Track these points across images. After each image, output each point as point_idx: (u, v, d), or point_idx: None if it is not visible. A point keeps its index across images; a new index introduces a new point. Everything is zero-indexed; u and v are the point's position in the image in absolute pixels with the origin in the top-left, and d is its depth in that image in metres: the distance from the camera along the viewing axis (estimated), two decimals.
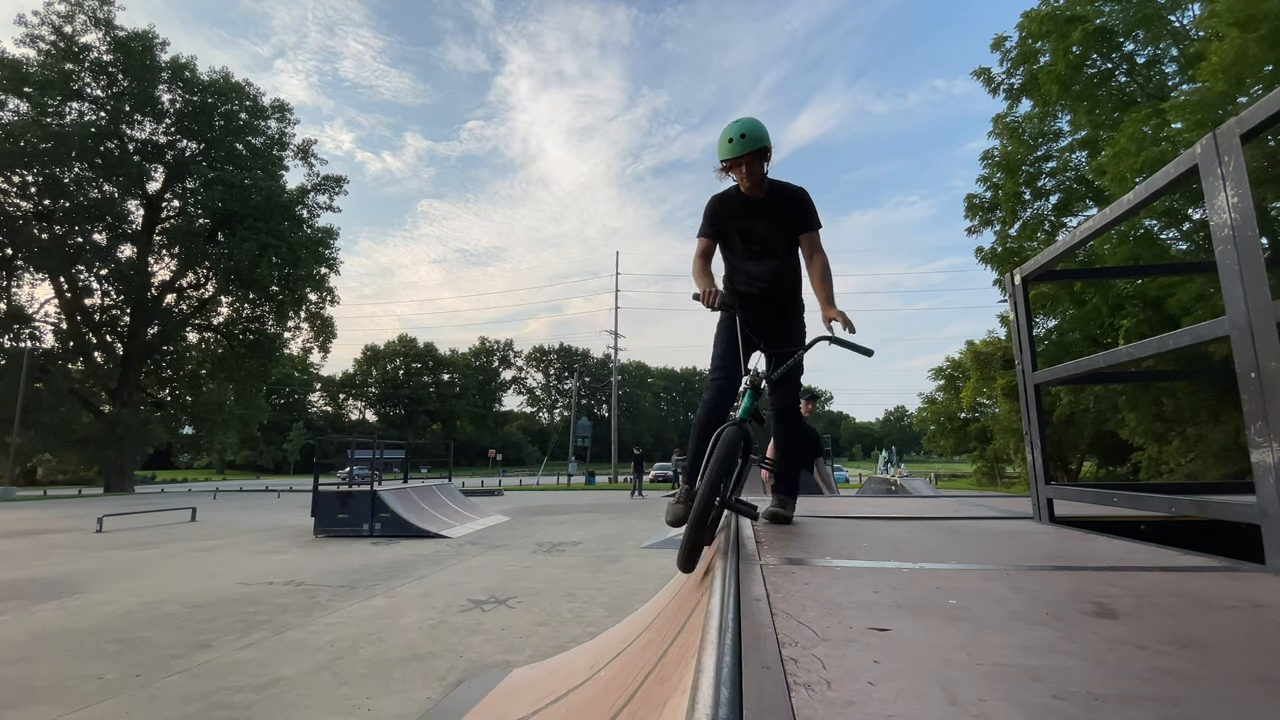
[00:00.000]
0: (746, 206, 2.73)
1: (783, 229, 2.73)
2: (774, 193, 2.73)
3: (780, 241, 2.74)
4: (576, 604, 5.61)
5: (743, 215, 2.73)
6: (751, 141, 2.57)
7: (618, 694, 1.78)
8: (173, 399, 35.85)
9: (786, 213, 2.73)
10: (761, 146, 2.60)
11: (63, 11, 29.46)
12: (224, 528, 12.59)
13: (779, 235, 2.73)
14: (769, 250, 2.75)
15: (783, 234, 2.73)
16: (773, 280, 2.77)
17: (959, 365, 32.91)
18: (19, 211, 29.10)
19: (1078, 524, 2.79)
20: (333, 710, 3.27)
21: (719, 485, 1.79)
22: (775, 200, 2.73)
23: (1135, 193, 2.29)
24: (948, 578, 1.54)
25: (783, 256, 2.76)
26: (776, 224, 2.72)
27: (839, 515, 3.19)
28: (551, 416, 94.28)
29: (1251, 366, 1.68)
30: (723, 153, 2.64)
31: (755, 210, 2.72)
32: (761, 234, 2.74)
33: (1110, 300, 16.68)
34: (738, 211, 2.74)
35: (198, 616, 5.25)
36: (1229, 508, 1.89)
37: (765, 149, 2.62)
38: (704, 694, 0.80)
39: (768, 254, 2.75)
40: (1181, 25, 16.03)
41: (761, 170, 2.65)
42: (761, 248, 2.75)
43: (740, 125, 2.57)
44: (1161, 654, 0.96)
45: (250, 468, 69.67)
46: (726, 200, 2.78)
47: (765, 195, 2.71)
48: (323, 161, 37.36)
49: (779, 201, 2.73)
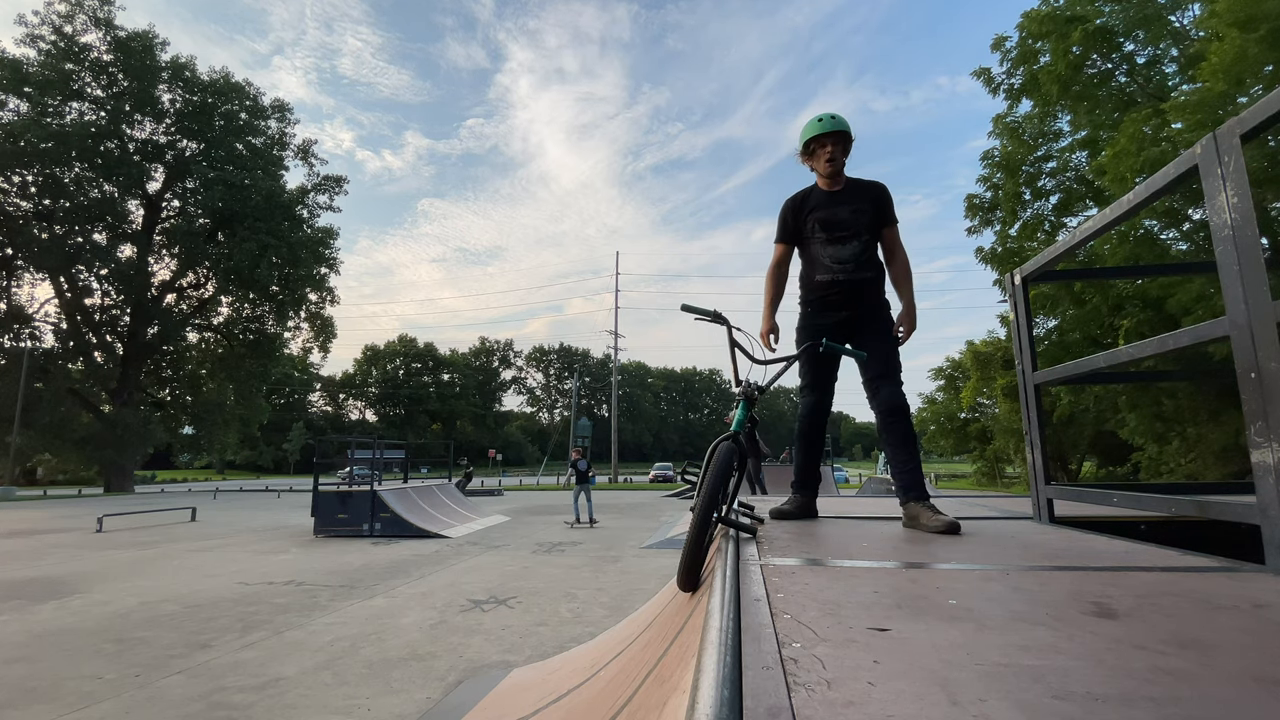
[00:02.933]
0: (827, 198, 2.77)
1: (865, 215, 2.73)
2: (853, 184, 2.80)
3: (863, 227, 2.73)
4: (576, 604, 5.61)
5: (823, 206, 2.76)
6: (840, 124, 2.68)
7: (618, 694, 1.78)
8: (173, 399, 35.86)
9: (868, 200, 2.75)
10: (847, 133, 2.71)
11: (63, 11, 29.49)
12: (224, 528, 12.59)
13: (861, 221, 2.73)
14: (852, 234, 2.74)
15: (865, 220, 2.73)
16: (857, 262, 2.74)
17: (959, 365, 32.93)
18: (19, 211, 29.12)
19: (1078, 524, 2.79)
20: (333, 710, 3.27)
21: (716, 500, 1.78)
22: (855, 189, 2.78)
23: (1135, 193, 2.28)
24: (948, 578, 1.54)
25: (866, 241, 2.75)
26: (859, 210, 2.74)
27: (839, 515, 3.19)
28: (551, 416, 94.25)
29: (1251, 366, 1.68)
30: (810, 131, 2.72)
31: (835, 199, 2.76)
32: (844, 219, 2.73)
33: (1110, 300, 16.67)
34: (817, 204, 2.78)
35: (197, 616, 5.25)
36: (1229, 508, 1.89)
37: (850, 138, 2.72)
38: (704, 694, 0.80)
39: (851, 238, 2.74)
40: (1181, 25, 16.03)
41: (843, 159, 2.74)
42: (845, 233, 2.74)
43: (829, 114, 2.72)
44: (1161, 654, 0.96)
45: (250, 468, 69.68)
46: (804, 198, 2.84)
47: (844, 187, 2.77)
48: (323, 161, 37.43)
49: (859, 190, 2.78)
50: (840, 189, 2.77)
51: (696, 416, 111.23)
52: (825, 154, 2.71)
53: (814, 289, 2.80)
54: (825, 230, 2.75)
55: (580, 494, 12.79)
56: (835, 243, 2.74)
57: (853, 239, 2.73)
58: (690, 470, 2.31)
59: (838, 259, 2.73)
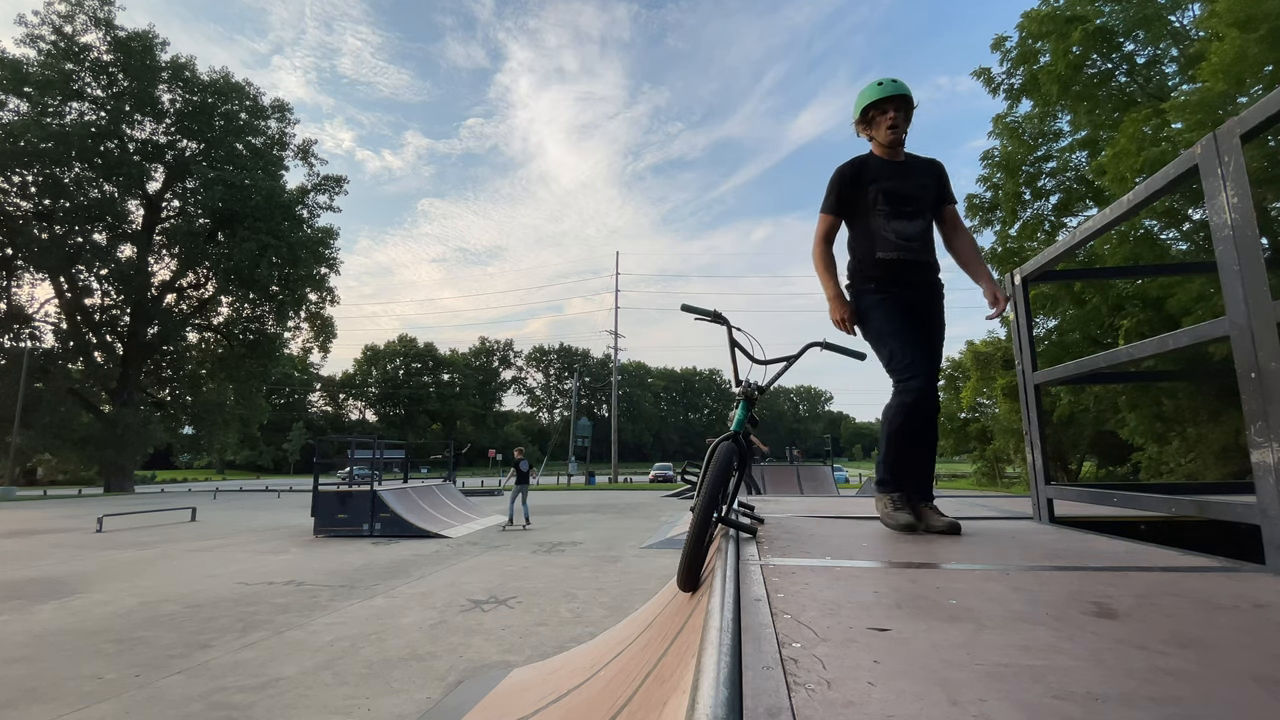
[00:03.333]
0: (889, 168, 2.55)
1: (930, 192, 2.56)
2: (913, 158, 2.61)
3: (927, 205, 2.55)
4: (576, 604, 5.61)
5: (886, 176, 2.54)
6: (902, 88, 2.48)
7: (617, 694, 1.78)
8: (173, 399, 35.88)
9: (931, 176, 2.59)
10: (910, 98, 2.51)
11: (63, 11, 29.51)
12: (224, 528, 12.59)
13: (926, 198, 2.54)
14: (919, 210, 2.53)
15: (930, 198, 2.56)
16: (924, 242, 2.54)
17: (959, 365, 32.94)
18: (19, 211, 29.13)
19: (1078, 524, 2.79)
20: (333, 710, 3.27)
21: (716, 501, 1.79)
22: (918, 164, 2.60)
23: (1135, 193, 2.29)
24: (948, 578, 1.54)
25: (929, 221, 2.57)
26: (924, 186, 2.55)
27: (839, 515, 3.19)
28: (551, 416, 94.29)
29: (1251, 366, 1.68)
30: (869, 96, 2.52)
31: (900, 171, 2.55)
32: (911, 193, 2.52)
33: (1110, 300, 16.69)
34: (879, 174, 2.54)
35: (197, 616, 5.25)
36: (1229, 508, 1.89)
37: (913, 105, 2.53)
38: (704, 694, 0.80)
39: (917, 214, 2.52)
40: (1181, 25, 16.03)
41: (905, 128, 2.53)
42: (912, 208, 2.51)
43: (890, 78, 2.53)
44: (1161, 654, 0.96)
45: (250, 468, 69.70)
46: (863, 164, 2.58)
47: (906, 160, 2.58)
48: (323, 161, 37.44)
49: (922, 165, 2.60)
50: (903, 161, 2.57)
51: (696, 416, 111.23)
52: (887, 121, 2.50)
53: (874, 266, 2.52)
54: (890, 203, 2.50)
55: (518, 495, 12.46)
56: (901, 217, 2.50)
57: (918, 216, 2.52)
58: (690, 470, 2.30)
59: (904, 235, 2.50)
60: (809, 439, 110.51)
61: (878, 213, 2.52)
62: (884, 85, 2.49)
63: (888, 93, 2.48)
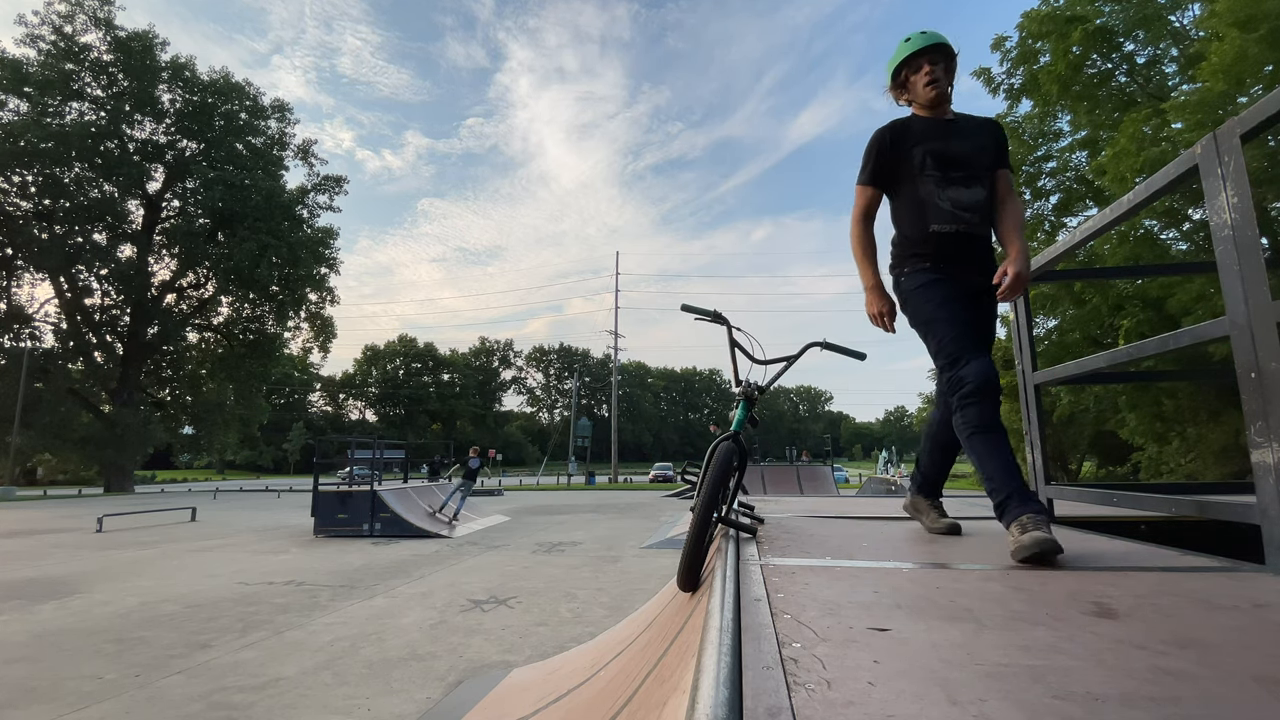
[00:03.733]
0: (936, 128, 2.19)
1: (988, 155, 2.17)
2: (965, 117, 2.25)
3: (985, 170, 2.16)
4: (576, 604, 5.61)
5: (933, 137, 2.17)
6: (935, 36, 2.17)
7: (617, 694, 1.77)
8: (173, 399, 35.88)
9: (989, 137, 2.21)
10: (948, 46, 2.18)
11: (63, 11, 29.51)
12: (224, 528, 12.59)
13: (984, 161, 2.16)
14: (974, 176, 2.14)
15: (988, 162, 2.17)
16: (984, 214, 2.15)
17: None
18: (19, 211, 29.14)
19: (1078, 524, 2.79)
20: (333, 710, 3.27)
21: (716, 501, 1.79)
22: (971, 123, 2.23)
23: (1135, 193, 2.29)
24: (948, 578, 1.54)
25: (989, 189, 2.17)
26: (981, 148, 2.17)
27: (839, 515, 3.19)
28: (551, 416, 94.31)
29: (1251, 366, 1.68)
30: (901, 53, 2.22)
31: (950, 130, 2.19)
32: (966, 155, 2.15)
33: (1110, 300, 16.68)
34: (925, 134, 2.18)
35: (198, 616, 5.25)
36: (1229, 508, 1.89)
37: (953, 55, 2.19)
38: (704, 694, 0.80)
39: (974, 181, 2.14)
40: (1181, 25, 16.03)
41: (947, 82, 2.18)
42: (965, 173, 2.13)
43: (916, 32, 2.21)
44: (1161, 654, 0.96)
45: (250, 468, 69.72)
46: (905, 126, 2.22)
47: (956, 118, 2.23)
48: (323, 161, 37.45)
49: (977, 125, 2.23)
50: (952, 119, 2.21)
51: (696, 416, 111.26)
52: (926, 74, 2.15)
53: (926, 242, 2.14)
54: (941, 168, 2.13)
55: (461, 490, 12.67)
56: (955, 184, 2.12)
57: (975, 183, 2.14)
58: (690, 470, 2.30)
59: (960, 204, 2.11)
60: (809, 439, 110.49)
61: (926, 179, 2.14)
62: (912, 40, 2.19)
63: (918, 46, 2.16)
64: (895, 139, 2.20)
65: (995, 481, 1.88)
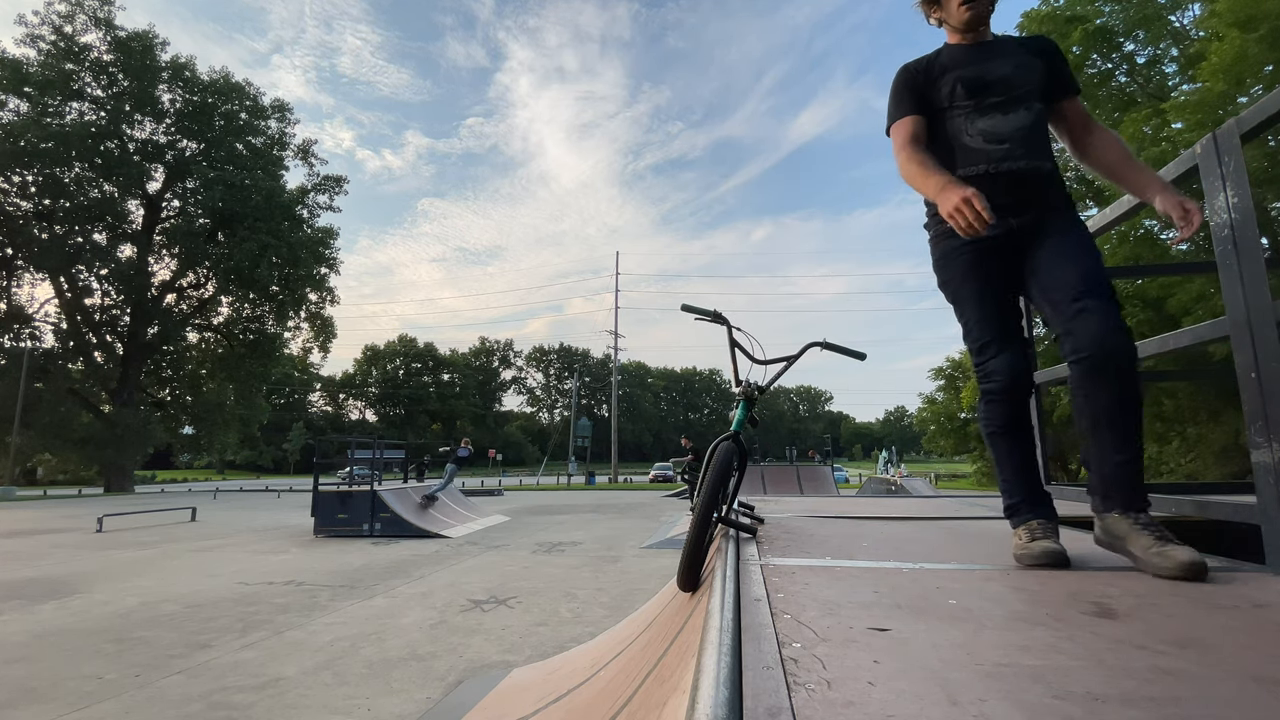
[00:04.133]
0: (969, 52, 1.85)
1: (1035, 73, 1.80)
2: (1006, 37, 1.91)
3: (1032, 90, 1.78)
4: (576, 604, 5.61)
5: (966, 63, 1.83)
6: None
7: (617, 694, 1.78)
8: (173, 399, 35.90)
9: (1037, 53, 1.84)
10: None
11: (63, 11, 29.53)
12: (224, 528, 12.59)
13: (1030, 79, 1.79)
14: (1017, 98, 1.77)
15: (1034, 79, 1.79)
16: (1028, 144, 1.75)
17: (959, 365, 32.89)
18: (19, 211, 29.15)
19: (1078, 524, 2.79)
20: (333, 710, 3.27)
21: (716, 501, 1.79)
22: (1012, 43, 1.87)
23: None
24: (948, 578, 1.55)
25: (1038, 112, 1.79)
26: (1025, 65, 1.80)
27: (839, 515, 3.19)
28: (551, 416, 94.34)
29: (1251, 366, 1.68)
30: None
31: (983, 53, 1.84)
32: (1003, 75, 1.78)
33: None
34: (956, 61, 1.85)
35: (198, 616, 5.25)
36: (1229, 508, 1.88)
37: None
38: (704, 694, 0.80)
39: (1014, 104, 1.77)
40: (1181, 25, 16.04)
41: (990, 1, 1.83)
42: (1002, 96, 1.77)
43: None
44: (1161, 654, 0.96)
45: (250, 468, 69.74)
46: (934, 57, 1.91)
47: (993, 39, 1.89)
48: (323, 161, 37.47)
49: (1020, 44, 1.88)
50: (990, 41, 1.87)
51: (696, 416, 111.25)
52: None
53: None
54: (973, 95, 1.78)
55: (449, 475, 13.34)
56: (989, 112, 1.77)
57: (1017, 105, 1.76)
58: (679, 460, 2.30)
59: (994, 136, 1.76)
60: (809, 439, 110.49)
61: (957, 111, 1.81)
62: None
63: None
64: (925, 69, 1.90)
65: (1010, 484, 1.83)
